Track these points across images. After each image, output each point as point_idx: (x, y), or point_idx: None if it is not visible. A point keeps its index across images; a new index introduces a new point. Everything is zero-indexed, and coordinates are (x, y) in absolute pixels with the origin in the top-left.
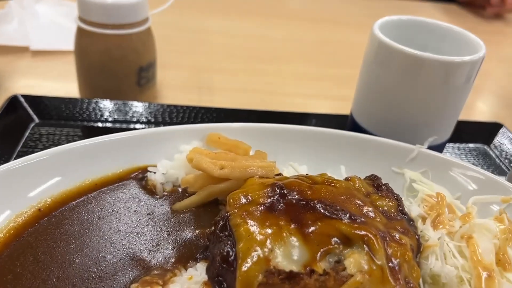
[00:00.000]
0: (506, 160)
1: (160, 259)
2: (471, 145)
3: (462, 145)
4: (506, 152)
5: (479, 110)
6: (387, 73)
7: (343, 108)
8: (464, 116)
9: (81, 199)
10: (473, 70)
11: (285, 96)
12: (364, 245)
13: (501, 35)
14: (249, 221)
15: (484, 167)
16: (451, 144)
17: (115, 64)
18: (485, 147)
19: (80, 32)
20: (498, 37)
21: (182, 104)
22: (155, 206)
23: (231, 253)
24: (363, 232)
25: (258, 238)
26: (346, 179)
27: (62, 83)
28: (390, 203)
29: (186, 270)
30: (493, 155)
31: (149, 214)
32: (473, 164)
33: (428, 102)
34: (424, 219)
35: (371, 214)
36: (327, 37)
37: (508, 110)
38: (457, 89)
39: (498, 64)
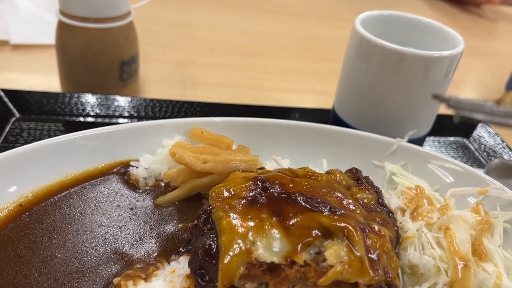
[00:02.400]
0: (485, 153)
1: (142, 253)
2: (451, 138)
3: (442, 139)
4: (485, 145)
5: None
6: (368, 68)
7: (326, 102)
8: (445, 110)
9: (62, 194)
10: (452, 65)
11: (269, 90)
12: (344, 237)
13: (483, 31)
14: (231, 214)
15: (464, 160)
16: (431, 138)
17: (97, 58)
18: (465, 140)
19: (61, 26)
20: (481, 32)
21: (165, 98)
22: (137, 200)
23: (213, 246)
24: (342, 224)
25: (240, 231)
26: (327, 172)
27: (43, 78)
28: (370, 196)
29: (169, 263)
30: (472, 148)
31: (131, 208)
32: (452, 157)
33: (408, 96)
34: (403, 211)
35: (351, 206)
36: (311, 31)
37: None
38: (436, 83)
39: (480, 59)
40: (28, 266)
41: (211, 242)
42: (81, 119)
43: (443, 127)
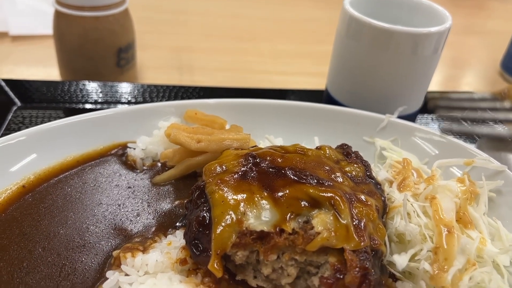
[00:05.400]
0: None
1: (141, 228)
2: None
3: (435, 116)
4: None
5: (455, 82)
6: (358, 47)
7: (321, 84)
8: (441, 87)
9: (63, 175)
10: (440, 41)
11: (264, 73)
12: (331, 206)
13: (479, 9)
14: (223, 188)
15: (457, 136)
16: (424, 115)
17: (94, 46)
18: (452, 120)
19: (58, 15)
20: (476, 10)
21: (162, 83)
22: (135, 180)
23: (206, 217)
24: (329, 194)
25: (232, 203)
26: (317, 148)
27: (43, 68)
28: (358, 169)
29: (166, 237)
30: (466, 124)
31: (129, 187)
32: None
33: (397, 73)
34: (390, 183)
35: (339, 178)
36: (305, 15)
37: (484, 81)
38: (425, 59)
39: (476, 37)
40: (32, 243)
41: (205, 214)
42: (81, 106)
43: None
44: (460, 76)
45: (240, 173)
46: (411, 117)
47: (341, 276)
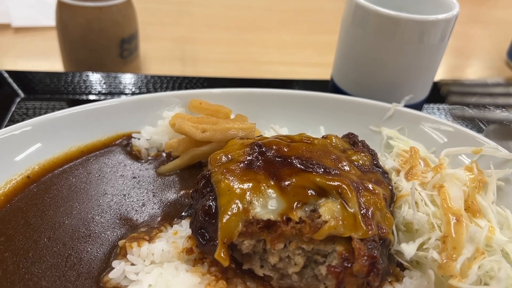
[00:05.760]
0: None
1: (146, 218)
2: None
3: (442, 105)
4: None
5: (461, 71)
6: (364, 35)
7: (326, 74)
8: (446, 77)
9: (68, 165)
10: (447, 28)
11: (268, 64)
12: (338, 195)
13: None
14: (229, 177)
15: (463, 125)
16: (431, 105)
17: (96, 36)
18: (465, 106)
19: (60, 6)
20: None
21: (166, 74)
22: (140, 170)
23: (212, 206)
24: (336, 183)
25: (238, 192)
26: (323, 137)
27: (46, 59)
28: (365, 158)
29: (172, 227)
30: (476, 111)
31: (134, 177)
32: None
33: (404, 61)
34: (398, 172)
35: (346, 167)
36: (309, 4)
37: (490, 71)
38: (432, 47)
39: (482, 26)
40: (37, 233)
41: (211, 203)
42: (84, 97)
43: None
44: (466, 66)
45: (246, 162)
46: (418, 106)
47: (349, 265)
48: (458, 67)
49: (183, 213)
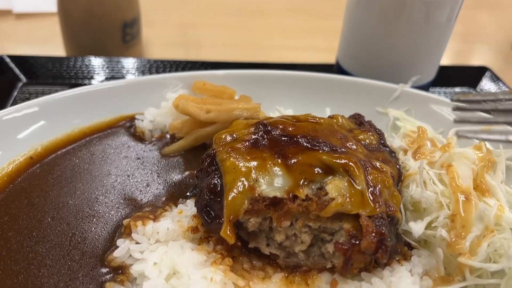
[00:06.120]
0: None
1: (151, 198)
2: (457, 89)
3: (449, 89)
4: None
5: (467, 56)
6: (370, 15)
7: (330, 59)
8: (453, 62)
9: (71, 146)
10: (454, 8)
11: (272, 49)
12: (345, 172)
13: None
14: (234, 155)
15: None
16: (437, 88)
17: (98, 21)
18: (471, 90)
19: None
20: None
21: (169, 58)
22: (144, 151)
23: (218, 184)
24: (343, 161)
25: (243, 170)
26: (329, 117)
27: (48, 45)
28: (372, 137)
29: (177, 206)
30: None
31: (138, 158)
32: None
33: (411, 41)
34: (405, 151)
35: (353, 146)
36: None
37: (496, 56)
38: (439, 27)
39: (488, 12)
40: (41, 212)
41: (216, 182)
42: (86, 81)
43: (449, 78)
44: (472, 51)
45: (251, 141)
46: (425, 88)
47: (357, 242)
48: (464, 52)
49: (188, 193)
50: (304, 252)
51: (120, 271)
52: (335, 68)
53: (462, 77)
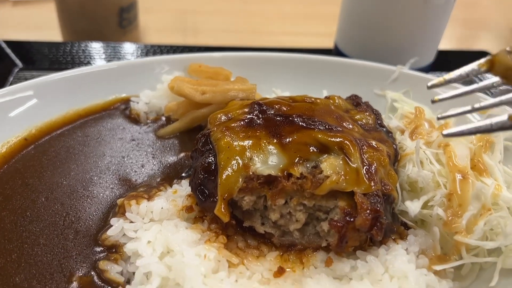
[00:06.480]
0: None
1: (145, 178)
2: None
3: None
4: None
5: (469, 42)
6: None
7: (329, 44)
8: (454, 47)
9: (65, 128)
10: None
11: (270, 35)
12: (340, 151)
13: None
14: (229, 134)
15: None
16: (436, 73)
17: (95, 5)
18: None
19: None
20: None
21: (166, 43)
22: (139, 133)
23: (212, 163)
24: (338, 139)
25: (238, 149)
26: (325, 97)
27: (44, 31)
28: (369, 117)
29: (171, 187)
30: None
31: (133, 140)
32: None
33: (409, 23)
34: (402, 132)
35: (349, 125)
36: None
37: (497, 41)
38: (437, 8)
39: None
40: (35, 193)
41: (210, 160)
42: (83, 66)
43: (449, 62)
44: (473, 36)
45: (246, 120)
46: (423, 71)
47: (352, 219)
48: (466, 37)
49: (183, 174)
50: (299, 230)
51: (114, 250)
52: (334, 52)
53: (462, 61)
